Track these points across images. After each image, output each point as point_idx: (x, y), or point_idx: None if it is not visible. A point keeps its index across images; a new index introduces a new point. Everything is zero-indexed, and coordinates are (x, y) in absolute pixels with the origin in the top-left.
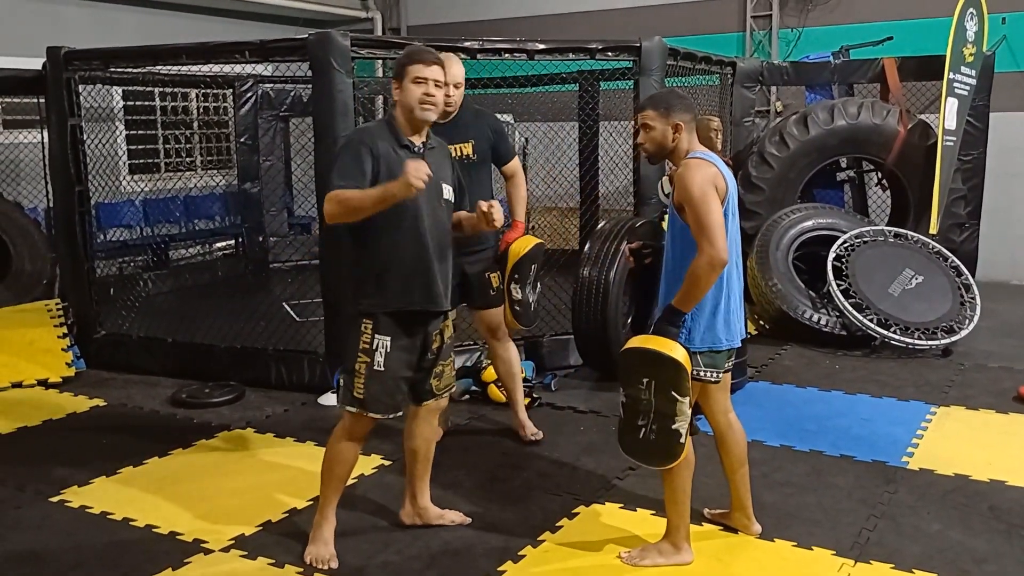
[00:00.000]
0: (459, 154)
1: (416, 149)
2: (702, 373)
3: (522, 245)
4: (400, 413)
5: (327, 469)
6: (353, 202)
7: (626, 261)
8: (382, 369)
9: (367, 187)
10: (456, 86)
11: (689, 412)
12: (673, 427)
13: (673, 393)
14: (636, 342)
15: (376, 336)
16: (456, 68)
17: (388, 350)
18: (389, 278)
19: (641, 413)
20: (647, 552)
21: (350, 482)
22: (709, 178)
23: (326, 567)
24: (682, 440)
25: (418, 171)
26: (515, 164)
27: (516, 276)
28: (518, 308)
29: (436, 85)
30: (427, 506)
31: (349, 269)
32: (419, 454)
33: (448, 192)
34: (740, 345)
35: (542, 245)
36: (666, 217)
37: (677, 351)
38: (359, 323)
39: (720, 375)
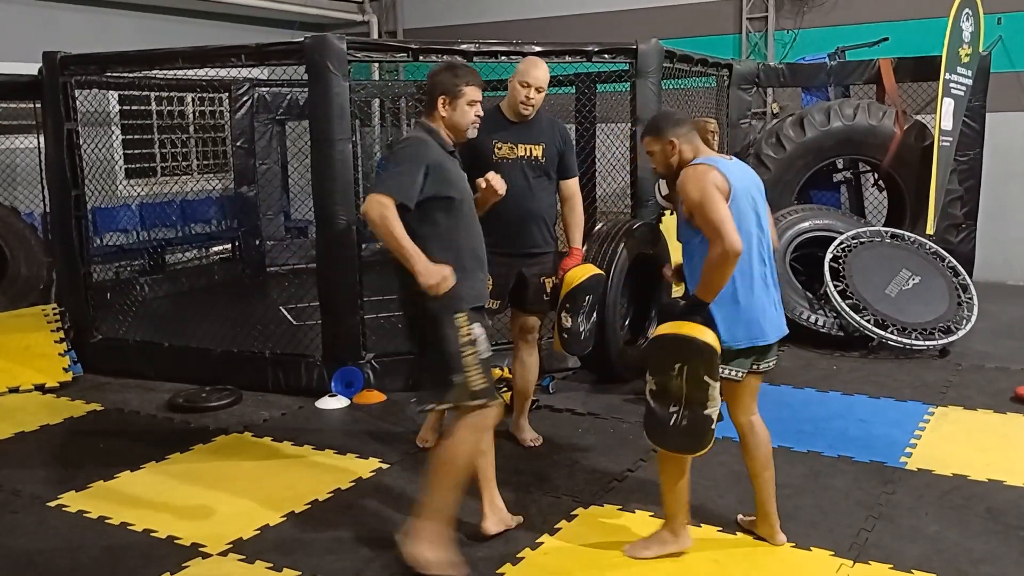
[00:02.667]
0: (528, 155)
1: (455, 154)
2: (722, 370)
3: (576, 275)
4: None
5: (457, 470)
6: (391, 237)
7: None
8: (487, 355)
9: (413, 203)
10: (539, 90)
11: (719, 398)
12: (705, 412)
13: (706, 378)
14: (666, 328)
15: (471, 326)
16: (542, 73)
17: (483, 335)
18: (469, 273)
19: (673, 400)
20: (649, 543)
21: (347, 486)
22: (708, 180)
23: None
24: (713, 426)
25: (443, 282)
26: (574, 185)
27: (567, 305)
28: (566, 336)
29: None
30: (502, 507)
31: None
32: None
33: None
34: (770, 343)
35: (599, 276)
36: (664, 218)
37: (708, 335)
38: (451, 319)
39: (742, 374)
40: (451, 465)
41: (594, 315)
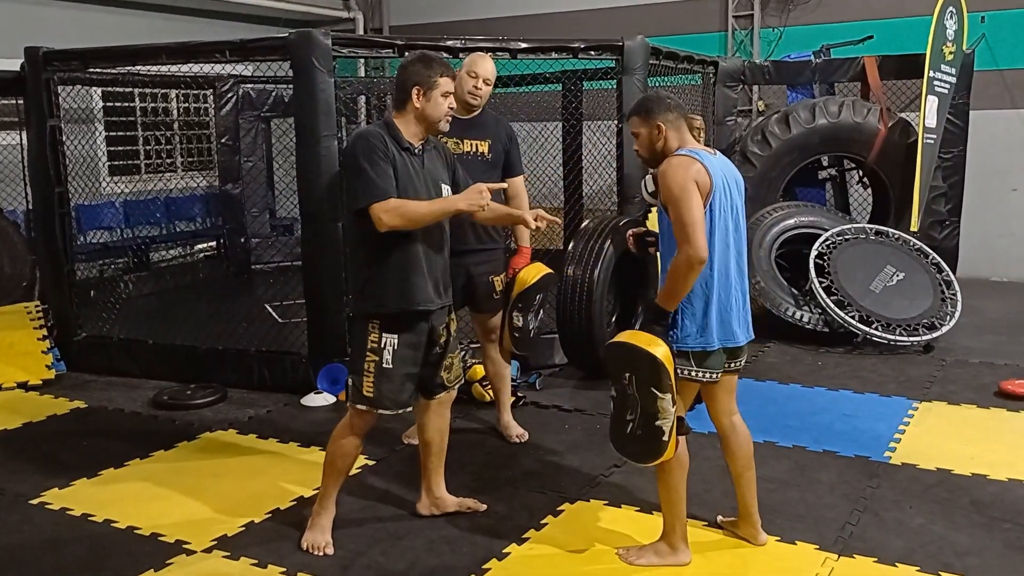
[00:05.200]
0: (474, 151)
1: (416, 151)
2: (695, 373)
3: (529, 275)
4: (410, 408)
5: (330, 462)
6: (418, 213)
7: (630, 246)
8: (390, 367)
9: (396, 192)
10: (486, 82)
11: (673, 410)
12: (656, 423)
13: (654, 390)
14: (619, 337)
15: (384, 335)
16: (489, 64)
17: (396, 348)
18: (389, 281)
19: (629, 408)
20: (644, 552)
21: None
22: (690, 175)
23: (321, 552)
24: (666, 438)
25: (484, 194)
26: (520, 183)
27: (519, 305)
28: (517, 335)
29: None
30: (443, 496)
31: (351, 271)
32: (433, 446)
33: (446, 191)
34: (740, 344)
35: (551, 275)
36: (651, 215)
37: (657, 347)
38: (365, 324)
39: (718, 375)
40: (327, 458)
41: (542, 312)
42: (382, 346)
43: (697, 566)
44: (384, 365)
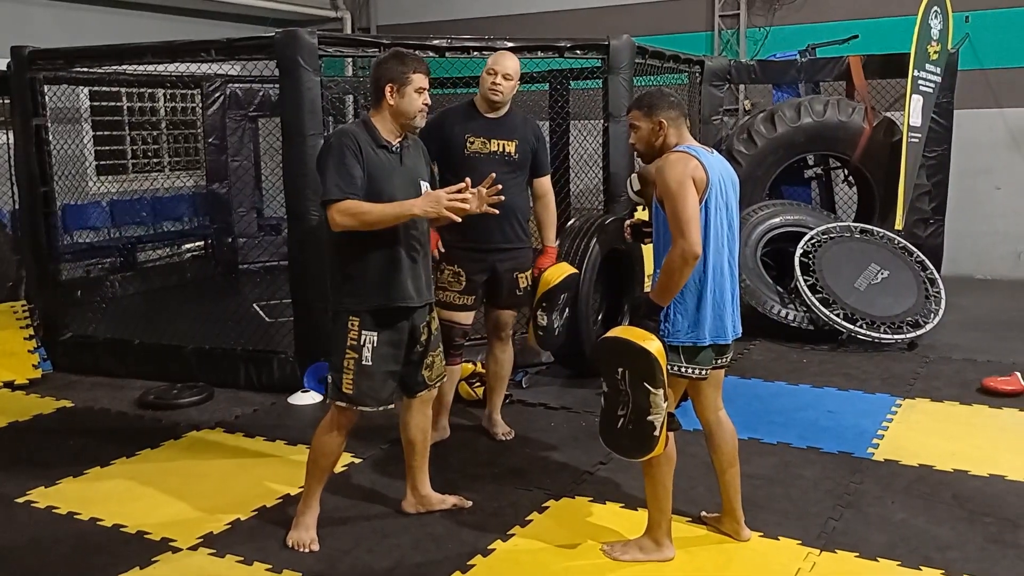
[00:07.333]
0: (501, 151)
1: (393, 149)
2: (685, 369)
3: (554, 274)
4: (392, 406)
5: (312, 460)
6: (371, 216)
7: (627, 236)
8: (370, 364)
9: (361, 194)
10: (506, 77)
11: (665, 405)
12: (648, 419)
13: (646, 384)
14: (612, 332)
15: (363, 332)
16: (509, 60)
17: (375, 345)
18: (369, 276)
19: (620, 404)
20: (628, 547)
21: None
22: (687, 171)
23: (307, 549)
24: (656, 433)
25: (442, 201)
26: (547, 183)
27: (544, 304)
28: (541, 333)
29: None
30: (428, 494)
31: (330, 267)
32: (416, 445)
33: (425, 188)
34: (729, 342)
35: (575, 275)
36: (636, 214)
37: (650, 342)
38: (344, 320)
39: (707, 372)
40: (310, 455)
41: (567, 311)
42: (361, 343)
43: (681, 562)
44: (364, 362)
